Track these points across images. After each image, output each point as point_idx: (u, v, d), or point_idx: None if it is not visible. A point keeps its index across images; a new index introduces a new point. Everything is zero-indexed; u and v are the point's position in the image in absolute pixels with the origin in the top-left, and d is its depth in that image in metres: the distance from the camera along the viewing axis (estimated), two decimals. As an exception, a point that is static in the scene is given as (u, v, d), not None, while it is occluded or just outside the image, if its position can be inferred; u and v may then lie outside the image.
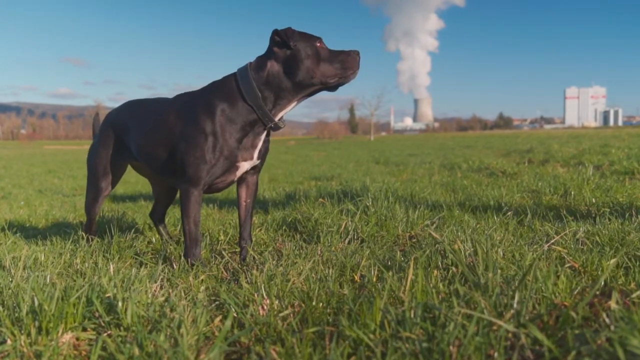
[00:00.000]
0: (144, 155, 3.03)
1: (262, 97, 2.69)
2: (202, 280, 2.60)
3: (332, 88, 2.72)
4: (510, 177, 7.60)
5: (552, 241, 2.69)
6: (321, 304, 1.99)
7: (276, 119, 2.76)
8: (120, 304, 1.94)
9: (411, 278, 2.04)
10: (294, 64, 2.62)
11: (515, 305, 1.62)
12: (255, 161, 2.89)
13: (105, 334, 1.90)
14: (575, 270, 2.28)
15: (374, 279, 2.26)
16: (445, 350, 1.43)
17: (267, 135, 2.91)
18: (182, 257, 2.93)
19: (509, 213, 3.67)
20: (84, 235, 3.49)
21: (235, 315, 1.98)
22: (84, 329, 1.93)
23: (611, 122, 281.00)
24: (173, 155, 2.83)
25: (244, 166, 2.86)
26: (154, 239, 3.73)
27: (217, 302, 2.19)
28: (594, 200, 4.24)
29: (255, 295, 2.07)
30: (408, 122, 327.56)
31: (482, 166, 9.71)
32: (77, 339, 1.88)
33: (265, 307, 2.00)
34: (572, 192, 4.68)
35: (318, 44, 2.66)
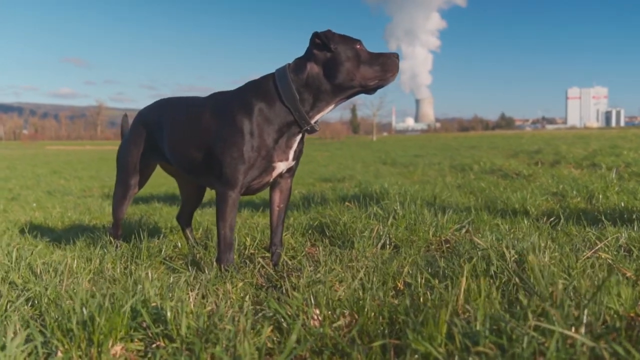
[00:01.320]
0: (177, 155, 3.00)
1: (300, 99, 2.66)
2: (240, 287, 2.55)
3: (371, 91, 2.70)
4: (526, 179, 7.54)
5: (596, 248, 2.64)
6: (373, 313, 1.94)
7: (312, 122, 2.72)
8: (168, 313, 1.88)
9: (464, 287, 1.99)
10: (334, 67, 2.60)
11: (585, 318, 1.56)
12: (290, 162, 2.86)
13: (155, 345, 1.86)
14: (628, 279, 2.22)
15: (420, 288, 2.20)
16: (524, 366, 1.38)
17: (302, 136, 2.87)
18: (215, 263, 2.88)
19: (551, 219, 3.59)
20: (112, 240, 3.44)
21: (285, 325, 1.93)
22: (131, 340, 1.89)
23: (613, 123, 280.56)
24: (208, 155, 2.80)
25: (280, 167, 2.82)
26: (179, 243, 3.68)
27: (263, 312, 2.14)
28: (622, 204, 4.18)
29: (304, 304, 2.02)
30: (409, 122, 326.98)
31: (494, 168, 9.66)
32: (126, 350, 1.84)
33: (316, 318, 1.95)
34: (600, 196, 4.62)
35: (358, 47, 2.63)
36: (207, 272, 2.86)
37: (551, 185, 6.20)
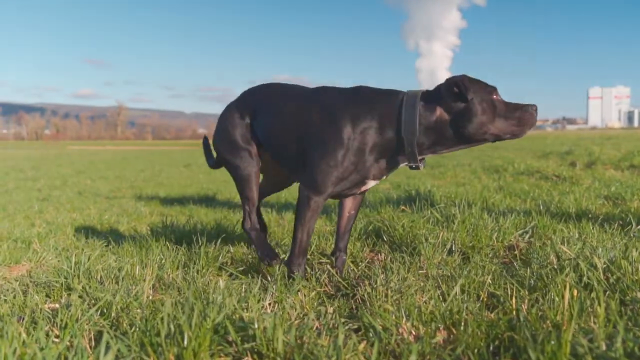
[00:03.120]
0: (272, 141, 2.82)
1: (418, 137, 2.45)
2: (312, 297, 2.44)
3: (501, 140, 2.48)
4: (569, 181, 7.34)
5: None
6: (471, 329, 1.82)
7: (419, 158, 2.53)
8: (256, 326, 1.78)
9: (568, 301, 1.86)
10: (467, 118, 2.38)
11: None
12: (383, 179, 2.71)
13: (244, 361, 1.75)
14: None
15: (512, 300, 2.08)
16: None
17: None
18: (285, 265, 2.76)
19: (637, 227, 3.41)
20: (168, 245, 3.34)
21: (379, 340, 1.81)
22: (218, 355, 1.78)
23: (635, 123, 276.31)
24: (303, 150, 2.63)
25: (371, 183, 2.68)
26: (231, 248, 3.57)
27: (348, 324, 2.02)
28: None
29: (395, 317, 1.91)
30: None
31: (530, 169, 9.44)
32: (214, 366, 1.74)
33: (414, 333, 1.83)
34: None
35: (494, 97, 2.42)
36: (270, 279, 2.77)
37: (598, 188, 6.01)
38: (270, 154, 2.90)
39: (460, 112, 2.39)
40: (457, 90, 2.38)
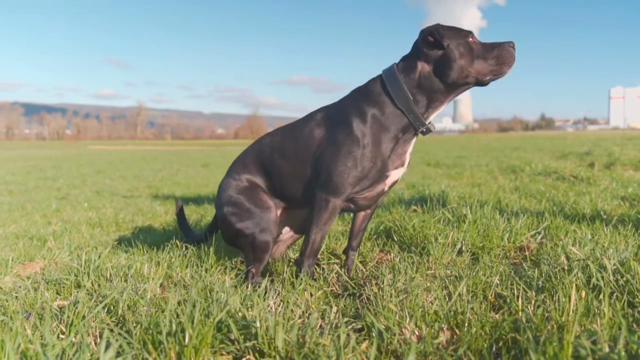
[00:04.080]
0: (283, 179, 2.75)
1: (413, 100, 2.50)
2: (318, 296, 2.44)
3: (485, 83, 2.51)
4: (587, 182, 7.24)
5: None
6: (475, 329, 1.80)
7: (427, 122, 2.56)
8: (258, 325, 1.78)
9: (574, 302, 1.84)
10: (447, 65, 2.42)
11: None
12: (405, 168, 2.69)
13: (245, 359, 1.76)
14: None
15: (519, 301, 2.05)
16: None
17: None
18: (295, 264, 2.75)
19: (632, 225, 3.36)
20: (178, 243, 3.37)
21: (381, 340, 1.81)
22: (220, 353, 1.79)
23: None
24: (318, 163, 2.60)
25: (394, 175, 2.65)
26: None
27: (352, 324, 2.02)
28: None
29: (398, 317, 1.90)
30: (447, 122, 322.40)
31: (548, 170, 9.33)
32: (216, 364, 1.74)
33: (414, 332, 1.82)
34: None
35: (470, 39, 2.45)
36: (277, 278, 2.77)
37: (616, 189, 5.93)
38: (283, 196, 2.82)
39: (439, 60, 2.44)
40: (432, 39, 2.43)
